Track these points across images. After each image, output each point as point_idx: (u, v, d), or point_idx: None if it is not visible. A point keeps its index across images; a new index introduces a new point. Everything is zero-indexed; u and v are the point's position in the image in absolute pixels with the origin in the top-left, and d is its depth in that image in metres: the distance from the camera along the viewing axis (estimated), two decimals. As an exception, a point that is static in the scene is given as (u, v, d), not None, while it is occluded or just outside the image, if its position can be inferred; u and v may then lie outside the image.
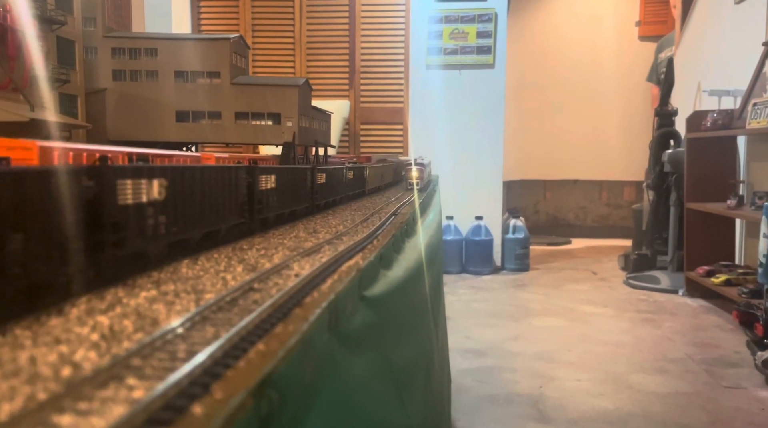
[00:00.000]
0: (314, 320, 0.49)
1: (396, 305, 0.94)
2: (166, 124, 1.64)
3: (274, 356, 0.40)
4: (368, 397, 0.66)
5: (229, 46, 1.59)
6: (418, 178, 1.83)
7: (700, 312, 4.34)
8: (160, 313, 0.48)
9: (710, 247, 4.69)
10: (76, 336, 0.40)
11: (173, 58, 1.62)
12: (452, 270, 5.62)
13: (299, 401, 0.42)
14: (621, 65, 7.82)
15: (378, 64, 5.97)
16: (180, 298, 0.52)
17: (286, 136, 1.58)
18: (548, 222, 8.26)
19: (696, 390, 2.95)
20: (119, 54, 1.60)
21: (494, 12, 5.68)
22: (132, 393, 0.32)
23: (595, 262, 6.30)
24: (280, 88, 1.60)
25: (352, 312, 0.66)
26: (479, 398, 2.88)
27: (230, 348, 0.39)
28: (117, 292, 0.54)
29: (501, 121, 5.74)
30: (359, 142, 6.12)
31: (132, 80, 1.61)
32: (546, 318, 4.21)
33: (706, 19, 5.55)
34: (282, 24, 6.06)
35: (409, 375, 0.94)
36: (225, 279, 0.61)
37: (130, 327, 0.43)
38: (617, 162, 7.89)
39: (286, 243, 0.86)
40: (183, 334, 0.42)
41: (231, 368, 0.36)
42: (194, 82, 1.62)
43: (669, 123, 5.43)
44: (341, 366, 0.57)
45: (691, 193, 4.71)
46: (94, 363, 0.35)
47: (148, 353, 0.38)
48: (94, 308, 0.49)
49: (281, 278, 0.61)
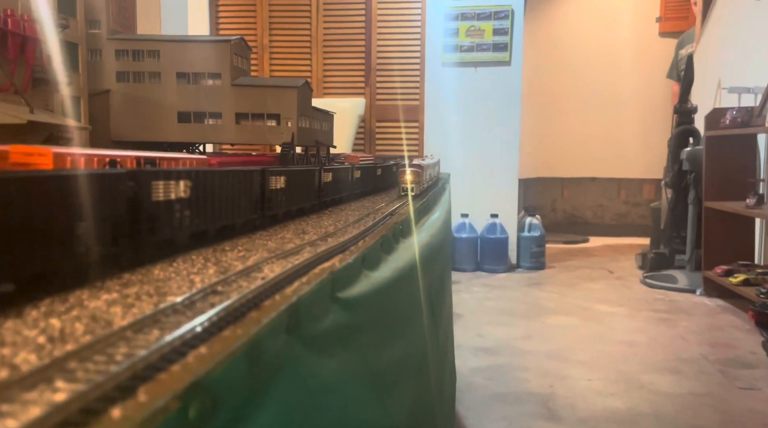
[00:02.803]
0: (267, 323, 0.50)
1: (380, 306, 0.95)
2: (168, 125, 1.66)
3: (213, 359, 0.41)
4: (337, 398, 0.67)
5: (230, 48, 1.61)
6: (413, 183, 1.59)
7: (718, 312, 4.28)
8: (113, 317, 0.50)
9: (729, 246, 4.62)
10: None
11: (176, 59, 1.65)
12: (467, 268, 5.61)
13: (240, 405, 0.43)
14: (640, 62, 7.72)
15: (394, 62, 5.97)
16: (141, 301, 0.54)
17: (285, 137, 1.60)
18: (566, 220, 8.20)
19: (709, 390, 2.91)
20: (123, 56, 1.63)
21: (511, 9, 5.64)
22: (54, 395, 0.33)
23: (612, 261, 6.24)
24: (280, 89, 1.62)
25: (321, 314, 0.67)
26: (489, 396, 2.88)
27: (169, 352, 0.40)
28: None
29: (517, 119, 5.71)
30: (375, 139, 6.13)
31: (135, 82, 1.64)
32: (559, 317, 4.19)
33: (727, 16, 5.45)
34: (299, 22, 6.09)
35: (394, 375, 0.95)
36: (193, 281, 0.62)
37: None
38: (636, 159, 7.80)
39: (269, 246, 0.88)
40: (129, 336, 0.43)
41: (164, 371, 0.37)
42: (196, 83, 1.65)
43: (688, 120, 5.35)
44: (303, 369, 0.58)
45: (710, 192, 4.64)
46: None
47: (86, 356, 0.39)
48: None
49: (247, 280, 0.63)
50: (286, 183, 1.09)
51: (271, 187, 1.07)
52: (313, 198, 1.28)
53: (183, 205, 0.78)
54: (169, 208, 0.75)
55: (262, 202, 1.05)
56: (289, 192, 1.12)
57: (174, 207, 0.76)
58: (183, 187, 0.78)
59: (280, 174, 1.07)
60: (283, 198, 1.10)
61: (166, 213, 0.74)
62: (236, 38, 1.65)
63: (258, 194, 1.04)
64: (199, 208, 0.83)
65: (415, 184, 1.59)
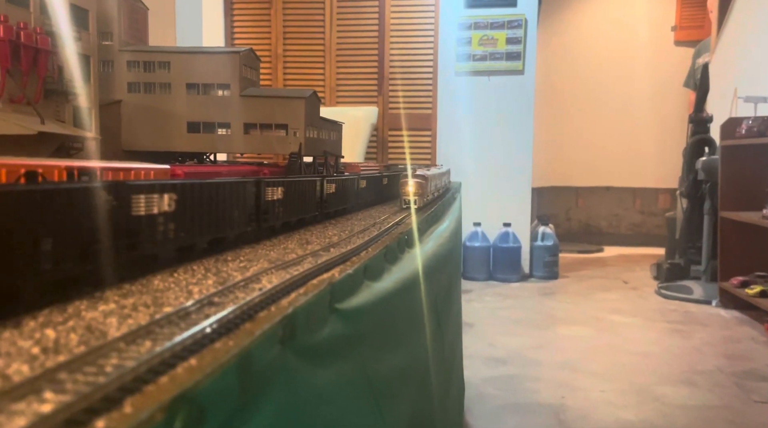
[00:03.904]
0: (260, 334, 0.51)
1: (382, 317, 0.95)
2: (178, 135, 1.69)
3: (202, 371, 0.41)
4: (333, 410, 0.67)
5: (240, 59, 1.63)
6: (416, 195, 1.46)
7: (734, 324, 4.22)
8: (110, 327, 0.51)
9: (745, 257, 4.56)
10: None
11: (186, 70, 1.67)
12: (479, 277, 5.59)
13: (228, 416, 0.43)
14: (656, 71, 7.68)
15: (407, 71, 5.99)
16: (137, 312, 0.55)
17: (293, 146, 1.62)
18: (580, 229, 8.14)
19: (724, 403, 2.87)
20: (134, 67, 1.66)
21: (524, 18, 5.64)
22: (41, 407, 0.34)
23: (627, 271, 6.19)
24: (288, 99, 1.63)
25: (318, 325, 0.67)
26: (499, 407, 2.86)
27: (158, 363, 0.41)
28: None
29: (530, 127, 5.70)
30: (387, 148, 6.14)
31: (146, 92, 1.67)
32: (572, 327, 4.15)
33: (743, 25, 5.41)
34: (312, 32, 6.14)
35: (394, 386, 0.95)
36: (191, 291, 0.63)
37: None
38: (651, 169, 7.74)
39: (271, 256, 0.88)
40: (122, 347, 0.44)
41: (152, 383, 0.38)
42: (206, 93, 1.67)
43: (704, 130, 5.31)
44: (297, 380, 0.59)
45: (726, 202, 4.59)
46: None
47: (77, 367, 0.40)
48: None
49: (245, 291, 0.63)
50: (284, 193, 1.08)
51: (267, 198, 1.04)
52: (314, 208, 1.27)
53: (167, 219, 0.75)
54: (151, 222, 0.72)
55: (257, 214, 1.02)
56: (287, 203, 1.11)
57: (157, 220, 0.73)
58: (167, 200, 0.74)
59: (276, 184, 1.06)
60: (281, 209, 1.09)
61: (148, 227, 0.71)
62: (245, 49, 1.67)
63: (252, 205, 1.01)
64: (185, 221, 0.79)
65: (418, 196, 1.47)
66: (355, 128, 5.35)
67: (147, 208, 0.69)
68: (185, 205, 0.78)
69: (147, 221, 0.70)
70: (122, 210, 0.66)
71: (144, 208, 0.68)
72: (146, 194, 0.69)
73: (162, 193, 0.72)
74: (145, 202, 0.69)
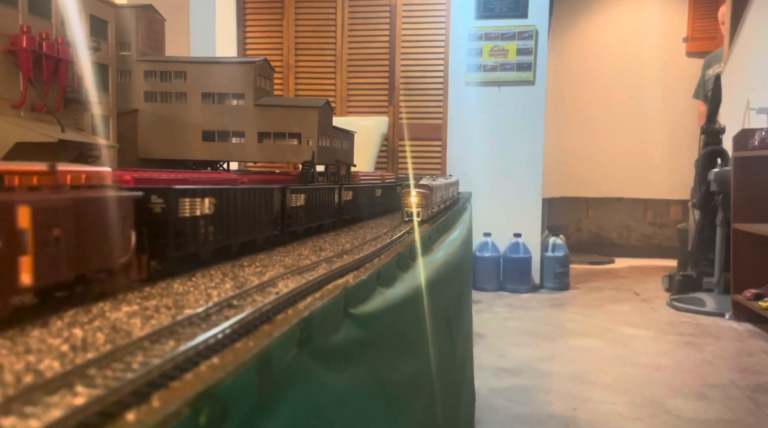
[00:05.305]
0: (278, 336, 0.52)
1: (394, 323, 0.96)
2: (194, 143, 1.71)
3: (224, 369, 0.43)
4: (347, 411, 0.68)
5: (254, 69, 1.66)
6: (420, 206, 1.37)
7: (747, 337, 4.19)
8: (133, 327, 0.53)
9: (758, 269, 4.53)
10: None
11: (201, 80, 1.70)
12: (489, 287, 5.58)
13: (249, 413, 0.45)
14: (667, 82, 7.67)
15: (417, 81, 6.03)
16: (159, 313, 0.56)
17: (306, 155, 1.64)
18: (591, 240, 8.11)
19: (737, 417, 2.84)
20: (151, 77, 1.69)
21: (535, 29, 5.66)
22: (74, 399, 0.35)
23: (638, 283, 6.16)
24: (301, 109, 1.66)
25: (333, 329, 0.68)
26: (510, 418, 2.85)
27: (182, 361, 0.42)
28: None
29: (540, 138, 5.70)
30: (398, 158, 6.16)
31: (162, 101, 1.70)
32: (583, 339, 4.13)
33: (756, 36, 5.40)
34: (324, 43, 6.19)
35: (406, 391, 0.96)
36: (210, 295, 0.65)
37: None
38: (663, 180, 7.71)
39: (286, 262, 0.90)
40: (146, 346, 0.46)
41: (177, 379, 0.40)
42: (221, 103, 1.70)
43: (716, 141, 5.29)
44: (313, 381, 0.60)
45: (738, 213, 4.57)
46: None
47: (105, 363, 0.41)
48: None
49: (262, 295, 0.65)
50: (306, 200, 1.11)
51: (291, 204, 1.08)
52: (332, 215, 1.30)
53: (207, 222, 0.82)
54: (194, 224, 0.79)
55: (282, 219, 1.07)
56: (309, 209, 1.14)
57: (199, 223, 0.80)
58: (208, 204, 0.82)
59: (300, 192, 1.09)
60: (303, 214, 1.12)
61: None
62: (260, 59, 1.69)
63: (278, 211, 1.06)
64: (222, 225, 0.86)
65: (422, 207, 1.38)
66: (366, 138, 5.37)
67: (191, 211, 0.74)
68: (222, 209, 0.83)
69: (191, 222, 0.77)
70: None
71: (189, 211, 0.74)
72: (190, 198, 0.73)
73: (203, 197, 0.76)
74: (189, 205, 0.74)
